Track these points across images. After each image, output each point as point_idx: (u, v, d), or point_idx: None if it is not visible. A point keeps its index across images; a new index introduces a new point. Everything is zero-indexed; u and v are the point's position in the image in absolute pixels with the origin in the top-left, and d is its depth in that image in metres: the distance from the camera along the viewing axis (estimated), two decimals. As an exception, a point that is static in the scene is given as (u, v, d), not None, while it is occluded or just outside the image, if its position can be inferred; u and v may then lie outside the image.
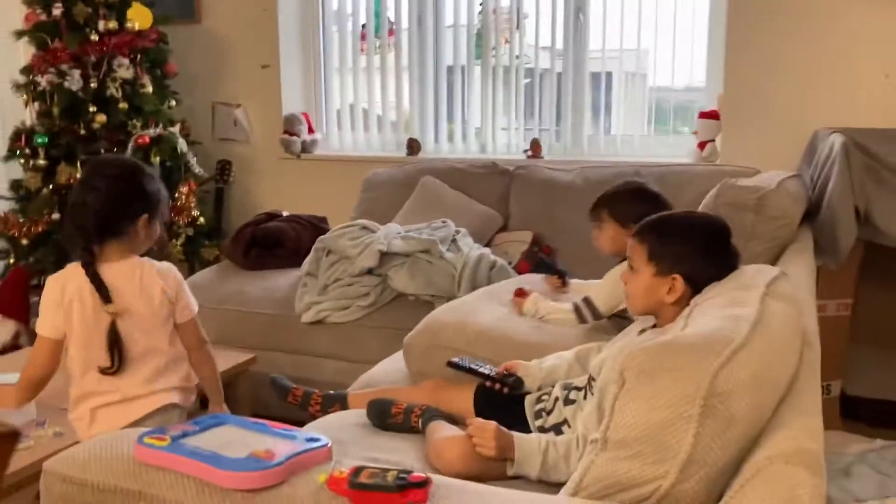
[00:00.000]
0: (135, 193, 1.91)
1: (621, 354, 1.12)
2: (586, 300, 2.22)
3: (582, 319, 2.21)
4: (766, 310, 1.21)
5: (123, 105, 3.83)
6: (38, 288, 4.09)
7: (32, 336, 3.68)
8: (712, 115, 3.57)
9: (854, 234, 2.54)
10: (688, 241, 1.59)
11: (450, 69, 4.28)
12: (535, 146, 3.91)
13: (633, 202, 2.20)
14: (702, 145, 3.59)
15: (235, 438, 1.19)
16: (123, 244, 1.91)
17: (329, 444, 1.18)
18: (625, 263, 2.16)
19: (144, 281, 1.91)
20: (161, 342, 1.93)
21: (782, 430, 1.10)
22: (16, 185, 3.90)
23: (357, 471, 1.06)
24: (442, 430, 1.68)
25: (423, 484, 1.03)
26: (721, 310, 1.22)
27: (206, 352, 2.05)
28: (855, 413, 2.81)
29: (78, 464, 1.16)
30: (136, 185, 1.92)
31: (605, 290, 2.21)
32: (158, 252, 2.21)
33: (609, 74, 4.02)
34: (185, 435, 1.18)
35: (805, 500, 0.98)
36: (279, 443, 1.16)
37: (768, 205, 2.26)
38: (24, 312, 3.82)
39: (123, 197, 1.89)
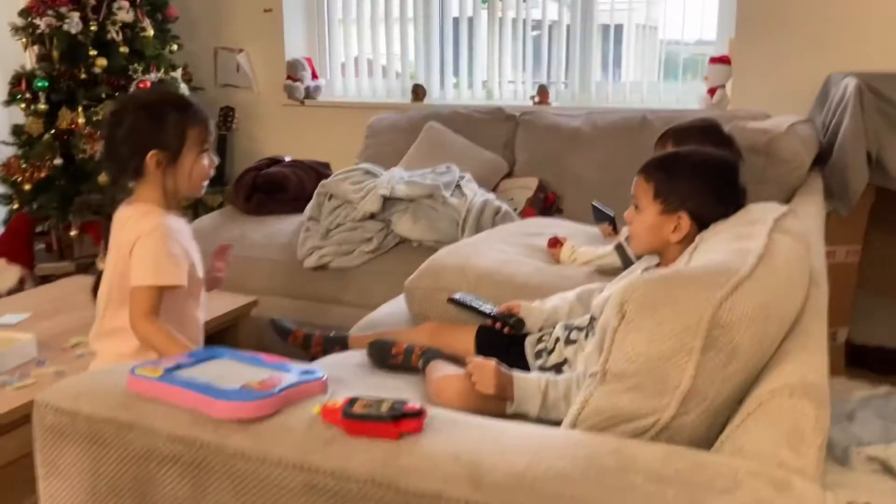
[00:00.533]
0: (138, 126, 1.68)
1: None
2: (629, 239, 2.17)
3: (626, 260, 2.16)
4: (772, 244, 1.18)
5: (124, 49, 3.78)
6: (42, 234, 4.10)
7: (37, 281, 3.70)
8: (723, 61, 3.49)
9: (865, 178, 2.49)
10: (695, 177, 1.55)
11: (455, 21, 4.19)
12: (543, 92, 3.84)
13: (702, 141, 2.14)
14: (712, 91, 3.51)
15: (229, 371, 1.17)
16: (141, 185, 1.72)
17: (324, 377, 1.16)
18: None
19: (123, 233, 1.70)
20: (108, 303, 1.74)
21: (787, 364, 1.07)
22: (17, 131, 3.87)
23: (351, 401, 1.04)
24: (442, 369, 1.67)
25: (418, 414, 1.01)
26: (727, 244, 1.19)
27: (138, 330, 1.66)
28: (861, 361, 2.79)
29: (70, 395, 1.15)
30: (140, 116, 1.68)
31: None
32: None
33: (619, 27, 3.93)
34: (178, 367, 1.17)
35: (808, 433, 0.96)
36: (274, 375, 1.15)
37: (778, 148, 2.22)
38: (28, 257, 3.82)
39: (125, 130, 1.68)
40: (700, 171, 1.56)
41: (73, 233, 3.79)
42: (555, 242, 2.34)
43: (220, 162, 4.24)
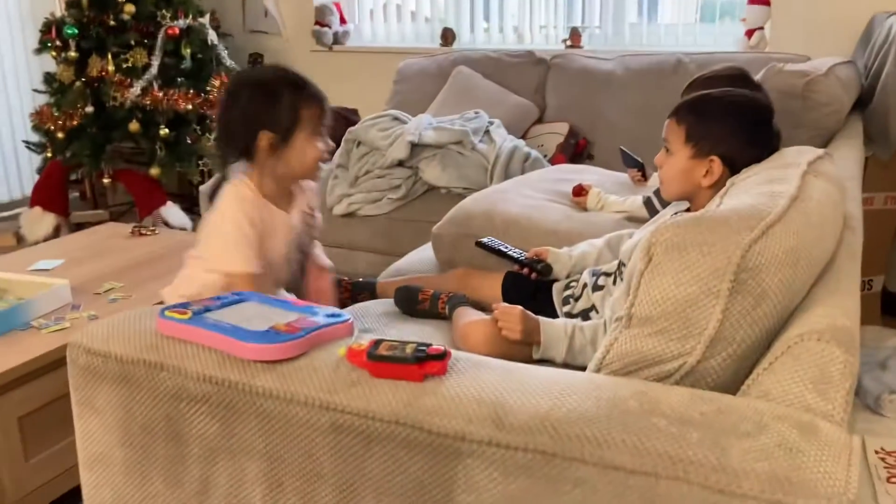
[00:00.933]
0: (251, 104, 1.61)
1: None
2: (658, 192, 2.14)
3: (653, 212, 2.14)
4: (805, 187, 1.15)
5: (152, -6, 3.76)
6: (77, 182, 4.16)
7: (71, 228, 3.76)
8: (762, 1, 3.37)
9: (907, 123, 2.42)
10: (728, 120, 1.51)
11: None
12: (575, 35, 3.76)
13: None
14: (749, 33, 3.41)
15: (257, 313, 1.19)
16: (251, 165, 1.65)
17: (350, 320, 1.17)
18: None
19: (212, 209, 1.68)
20: (195, 255, 1.75)
21: (816, 308, 1.05)
22: (49, 79, 3.89)
23: (376, 343, 1.05)
24: (468, 315, 1.67)
25: (442, 356, 1.02)
26: (758, 187, 1.16)
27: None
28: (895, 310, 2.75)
29: (102, 337, 1.17)
30: (254, 94, 1.62)
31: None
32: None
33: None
34: (206, 310, 1.18)
35: (836, 377, 0.95)
36: (300, 317, 1.16)
37: (816, 91, 2.15)
38: (63, 205, 3.88)
39: (238, 108, 1.62)
40: (733, 114, 1.52)
41: (105, 181, 3.83)
42: (579, 190, 2.31)
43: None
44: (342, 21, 4.31)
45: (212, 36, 3.95)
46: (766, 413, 0.91)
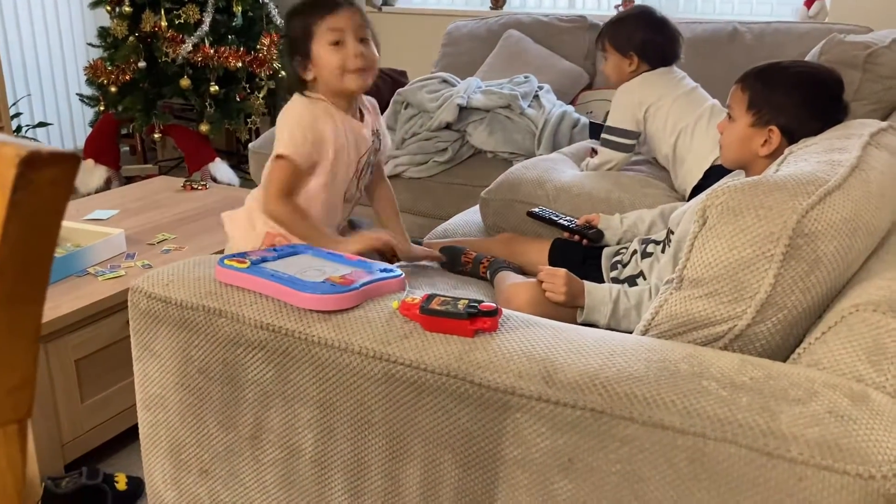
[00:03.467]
0: (285, 37, 1.72)
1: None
2: (608, 128, 2.18)
3: (621, 147, 2.16)
4: (866, 156, 1.14)
5: (206, -49, 3.78)
6: (128, 136, 4.23)
7: (122, 181, 3.84)
8: (823, -30, 3.29)
9: (970, 99, 2.35)
10: (793, 92, 1.49)
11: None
12: (627, 1, 3.70)
13: (634, 28, 2.15)
14: (809, 3, 3.33)
15: (312, 265, 1.21)
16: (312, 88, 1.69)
17: (403, 276, 1.19)
18: (626, 83, 2.15)
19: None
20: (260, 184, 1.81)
21: (873, 279, 1.05)
22: (103, 33, 3.94)
23: (429, 298, 1.07)
24: (510, 278, 1.68)
25: (493, 313, 1.03)
26: (818, 155, 1.15)
27: (268, 207, 1.69)
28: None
29: (162, 282, 1.21)
30: (286, 27, 1.71)
31: (615, 110, 2.21)
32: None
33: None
34: (264, 260, 1.21)
35: (891, 349, 0.95)
36: (355, 271, 1.18)
37: (878, 63, 2.10)
38: (114, 158, 3.96)
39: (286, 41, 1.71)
40: (799, 86, 1.50)
41: (156, 136, 3.89)
42: (593, 153, 2.34)
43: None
44: (392, -18, 4.30)
45: (261, -6, 3.96)
46: (816, 380, 0.91)
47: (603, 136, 2.24)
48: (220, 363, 1.15)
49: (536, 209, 1.93)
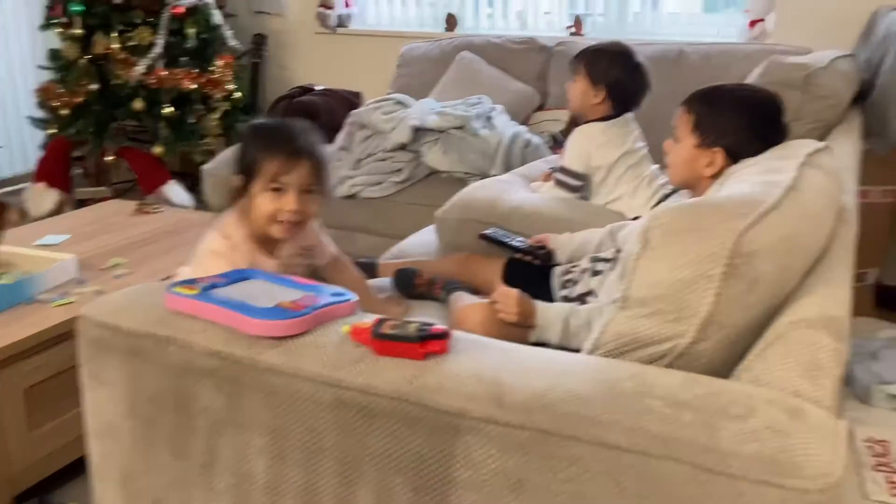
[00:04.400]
0: (240, 146, 1.63)
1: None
2: (562, 168, 2.22)
3: (570, 188, 2.21)
4: (802, 177, 1.18)
5: (158, -27, 3.76)
6: (80, 159, 4.17)
7: (74, 204, 3.78)
8: (766, -8, 3.39)
9: (906, 117, 2.44)
10: (737, 115, 1.54)
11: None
12: (577, 23, 3.77)
13: (612, 64, 2.19)
14: (752, 24, 3.42)
15: (263, 291, 1.21)
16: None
17: (354, 299, 1.20)
18: (588, 125, 2.22)
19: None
20: None
21: (809, 297, 1.08)
22: (54, 55, 3.90)
23: (380, 322, 1.08)
24: (464, 300, 1.70)
25: (444, 336, 1.05)
26: (756, 176, 1.19)
27: None
28: (890, 302, 2.77)
29: (111, 310, 1.20)
30: (243, 137, 1.67)
31: (572, 150, 2.23)
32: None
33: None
34: (214, 286, 1.21)
35: (826, 364, 0.98)
36: (306, 295, 1.18)
37: (816, 83, 2.17)
38: (66, 182, 3.90)
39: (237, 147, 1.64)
40: (742, 108, 1.55)
41: (109, 158, 3.85)
42: (547, 177, 2.38)
43: (253, 90, 4.29)
44: (347, 4, 4.32)
45: (216, 16, 3.96)
46: (756, 397, 0.94)
47: (555, 175, 2.27)
48: (170, 391, 1.15)
49: (488, 231, 1.95)
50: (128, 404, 1.18)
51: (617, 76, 2.21)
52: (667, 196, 2.11)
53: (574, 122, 3.18)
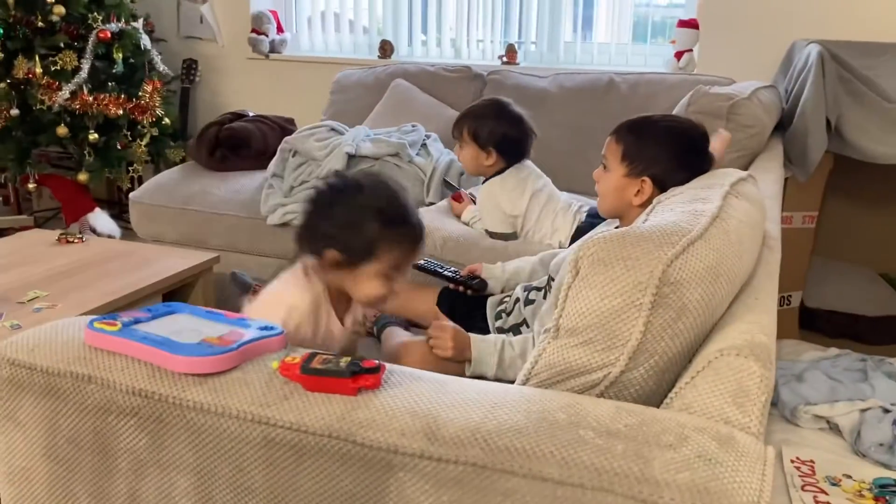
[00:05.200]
0: (329, 213, 1.45)
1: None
2: (489, 233, 2.26)
3: (504, 239, 2.25)
4: (727, 206, 1.20)
5: (84, -4, 3.68)
6: (1, 186, 4.02)
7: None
8: (691, 24, 3.50)
9: (824, 145, 2.53)
10: (663, 145, 1.57)
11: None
12: (511, 52, 3.82)
13: (496, 125, 2.24)
14: (679, 55, 3.53)
15: (188, 326, 1.18)
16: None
17: (283, 333, 1.17)
18: (488, 184, 2.26)
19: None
20: None
21: (736, 324, 1.10)
22: (-28, 80, 3.76)
23: (310, 357, 1.05)
24: (398, 336, 1.69)
25: (376, 370, 1.03)
26: (682, 206, 1.22)
27: None
28: (813, 324, 2.86)
29: (26, 348, 1.15)
30: (336, 204, 1.44)
31: (486, 215, 2.27)
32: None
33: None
34: (136, 322, 1.17)
35: (753, 390, 0.99)
36: (232, 330, 1.15)
37: (740, 113, 2.24)
38: (-16, 210, 3.75)
39: (319, 211, 1.48)
40: (668, 139, 1.59)
41: (31, 186, 3.72)
42: (458, 197, 2.44)
43: (183, 116, 4.22)
44: (279, 30, 4.29)
45: (145, 41, 3.88)
46: (687, 425, 0.95)
47: (486, 231, 2.30)
48: (90, 432, 1.10)
49: (422, 261, 1.95)
50: (44, 446, 1.13)
51: (503, 133, 2.24)
52: (586, 218, 2.16)
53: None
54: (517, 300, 1.70)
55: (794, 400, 2.01)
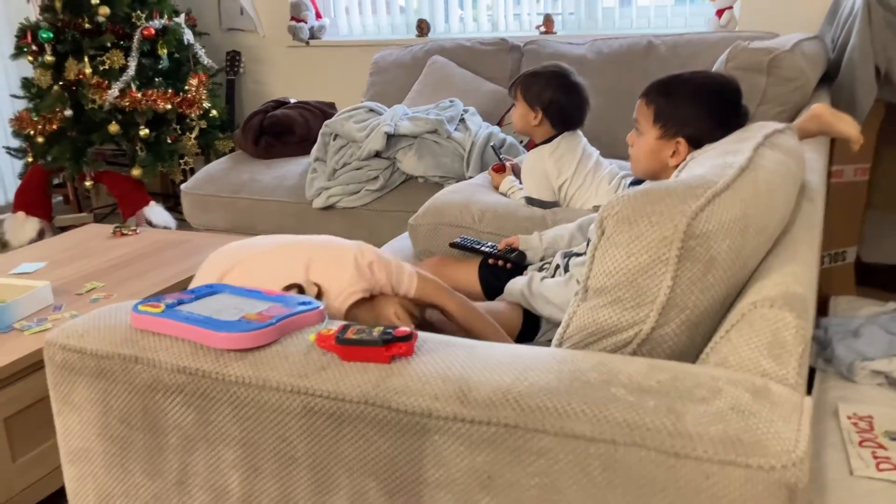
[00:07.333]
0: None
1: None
2: (527, 199, 2.24)
3: (542, 206, 2.23)
4: (757, 157, 1.18)
5: (126, -4, 3.77)
6: (60, 186, 4.16)
7: (56, 232, 3.77)
8: (732, -20, 3.41)
9: (874, 94, 2.44)
10: (696, 103, 1.54)
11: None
12: (548, 21, 3.78)
13: (545, 86, 2.21)
14: (720, 13, 3.44)
15: (229, 305, 1.21)
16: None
17: (321, 307, 1.19)
18: (535, 150, 2.23)
19: None
20: None
21: (770, 276, 1.08)
22: (27, 84, 3.89)
23: (344, 328, 1.07)
24: None
25: (408, 338, 1.04)
26: (712, 160, 1.19)
27: None
28: (870, 280, 2.78)
29: (77, 334, 1.19)
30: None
31: (528, 179, 2.25)
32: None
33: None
34: (180, 303, 1.21)
35: (789, 341, 0.98)
36: (271, 306, 1.18)
37: (781, 66, 2.18)
38: (46, 210, 3.89)
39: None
40: (700, 97, 1.55)
41: (88, 183, 3.84)
42: (500, 168, 2.39)
43: (230, 107, 4.30)
44: (318, 16, 4.32)
45: (188, 35, 3.96)
46: (720, 379, 0.94)
47: (525, 197, 2.28)
48: (140, 410, 1.14)
49: (458, 239, 1.96)
50: (99, 426, 1.18)
51: (551, 97, 2.22)
52: (629, 186, 2.13)
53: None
54: (557, 266, 1.69)
55: (850, 356, 1.97)
